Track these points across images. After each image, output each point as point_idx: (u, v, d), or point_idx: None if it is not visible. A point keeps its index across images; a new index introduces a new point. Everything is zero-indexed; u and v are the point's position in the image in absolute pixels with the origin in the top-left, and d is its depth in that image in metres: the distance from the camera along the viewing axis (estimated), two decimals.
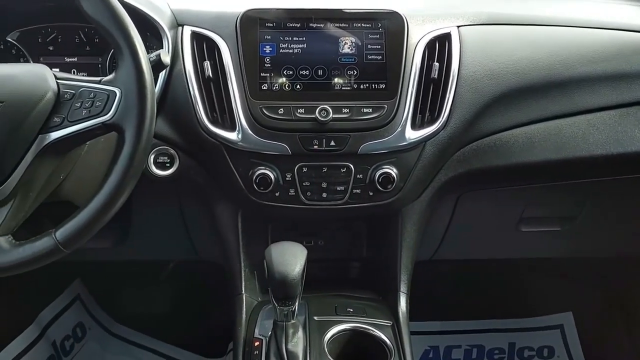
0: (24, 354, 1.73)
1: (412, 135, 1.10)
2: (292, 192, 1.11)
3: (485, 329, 1.99)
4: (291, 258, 0.95)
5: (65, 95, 0.88)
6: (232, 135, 1.08)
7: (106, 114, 0.85)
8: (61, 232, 0.84)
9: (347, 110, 1.09)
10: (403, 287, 1.22)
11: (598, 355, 1.85)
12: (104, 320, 2.03)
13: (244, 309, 1.17)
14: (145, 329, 2.00)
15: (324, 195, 1.12)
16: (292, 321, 1.01)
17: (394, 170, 1.10)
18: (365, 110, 1.09)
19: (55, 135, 0.86)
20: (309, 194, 1.12)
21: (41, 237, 0.85)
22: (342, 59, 1.11)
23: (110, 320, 2.03)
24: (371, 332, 1.11)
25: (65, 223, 0.85)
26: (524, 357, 1.93)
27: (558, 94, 1.18)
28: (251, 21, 1.10)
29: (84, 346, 1.93)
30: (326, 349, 1.05)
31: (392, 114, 1.09)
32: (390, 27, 1.12)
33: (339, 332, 1.10)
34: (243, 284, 1.21)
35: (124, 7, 0.87)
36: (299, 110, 1.08)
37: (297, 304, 0.98)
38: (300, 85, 1.10)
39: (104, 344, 1.96)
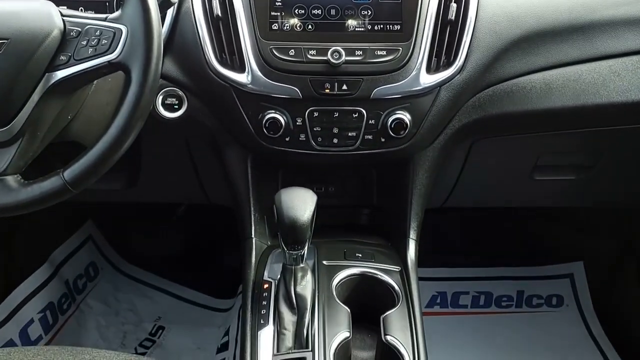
0: (38, 292, 1.77)
1: (426, 79, 1.07)
2: (302, 137, 1.10)
3: (494, 277, 2.00)
4: (301, 203, 0.94)
5: (72, 33, 0.86)
6: (242, 77, 1.06)
7: (112, 52, 0.84)
8: (69, 172, 0.85)
9: (361, 53, 1.05)
10: (412, 234, 1.21)
11: (607, 305, 1.86)
12: (116, 260, 2.06)
13: (254, 253, 1.18)
14: (157, 270, 2.03)
15: (335, 141, 1.10)
16: (301, 265, 1.01)
17: (407, 115, 1.08)
18: (379, 52, 1.06)
19: (61, 74, 0.86)
20: (319, 139, 1.10)
21: (49, 177, 0.86)
22: None
23: (122, 260, 2.07)
24: (379, 277, 1.11)
25: (73, 163, 0.85)
26: (532, 305, 1.94)
27: (579, 39, 1.14)
28: None
29: (96, 285, 1.97)
30: (334, 293, 1.06)
31: (407, 57, 1.06)
32: None
33: (347, 276, 1.11)
34: (253, 228, 1.21)
35: None
36: (310, 52, 1.05)
37: (306, 248, 0.98)
38: (312, 26, 1.07)
39: (116, 283, 2.00)
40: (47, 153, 0.94)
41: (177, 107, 1.11)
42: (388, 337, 0.99)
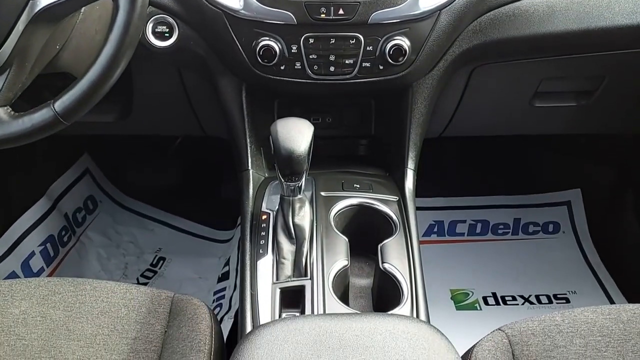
0: (37, 225, 1.78)
1: (426, 3, 1.03)
2: (298, 65, 1.07)
3: (491, 205, 2.01)
4: (297, 134, 0.93)
5: None
6: (233, 2, 1.02)
7: None
8: (60, 104, 0.83)
9: None
10: (410, 164, 1.21)
11: (604, 232, 1.88)
12: (114, 193, 2.06)
13: (251, 185, 1.17)
14: (156, 203, 2.04)
15: (332, 69, 1.08)
16: (299, 196, 1.01)
17: (406, 41, 1.05)
18: None
19: (45, 1, 0.82)
20: (315, 67, 1.07)
21: (40, 109, 0.84)
22: None
23: (120, 193, 2.07)
24: (377, 207, 1.11)
25: (63, 94, 0.84)
26: (528, 232, 1.96)
27: None
28: None
29: (95, 218, 1.98)
30: (332, 223, 1.07)
31: None
32: None
33: (345, 207, 1.11)
34: (249, 160, 1.20)
35: None
36: None
37: (303, 179, 0.98)
38: None
39: (115, 216, 2.01)
40: (37, 85, 0.92)
41: (167, 35, 1.07)
42: (385, 265, 1.01)
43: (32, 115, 0.84)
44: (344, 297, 1.00)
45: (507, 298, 1.76)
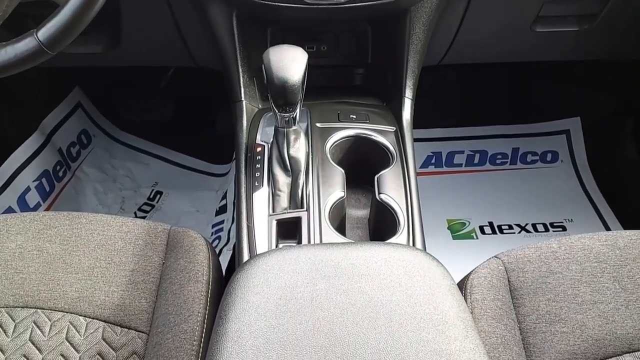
0: (32, 160, 1.77)
1: None
2: None
3: (489, 135, 2.00)
4: (291, 62, 0.89)
5: None
6: None
7: None
8: (43, 32, 0.80)
9: None
10: (408, 93, 1.18)
11: (602, 160, 1.88)
12: (108, 127, 2.04)
13: (244, 116, 1.15)
14: (150, 136, 2.02)
15: None
16: (294, 127, 0.99)
17: None
18: None
19: None
20: None
21: (23, 38, 0.81)
22: None
23: (114, 128, 2.05)
24: (374, 137, 1.10)
25: (46, 22, 0.81)
26: (526, 161, 1.96)
27: None
28: None
29: (90, 152, 1.97)
30: (328, 155, 1.05)
31: None
32: None
33: (341, 138, 1.09)
34: (242, 90, 1.17)
35: None
36: None
37: (298, 110, 0.95)
38: None
39: (110, 150, 1.99)
40: (20, 14, 0.89)
41: None
42: (382, 196, 1.00)
43: (15, 45, 0.81)
44: (340, 228, 0.99)
45: (503, 227, 1.78)
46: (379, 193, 1.00)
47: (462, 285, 0.92)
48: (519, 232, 1.76)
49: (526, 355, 0.85)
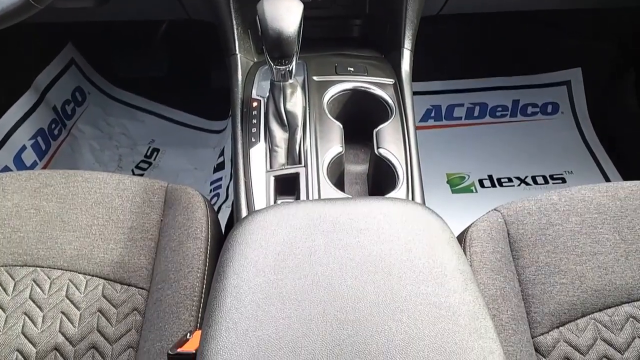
0: (26, 119, 1.75)
1: None
2: None
3: (489, 87, 1.97)
4: (286, 13, 0.87)
5: None
6: None
7: None
8: None
9: None
10: (407, 44, 1.15)
11: (602, 112, 1.86)
12: (103, 84, 2.01)
13: (239, 70, 1.12)
14: (145, 93, 1.99)
15: None
16: (290, 81, 0.97)
17: None
18: None
19: None
20: None
21: None
22: None
23: (109, 84, 2.02)
24: (372, 91, 1.08)
25: None
26: (527, 113, 1.94)
27: None
28: None
29: (85, 110, 1.95)
30: (326, 109, 1.04)
31: None
32: None
33: (339, 91, 1.07)
34: (236, 43, 1.14)
35: None
36: None
37: (294, 63, 0.93)
38: None
39: (106, 107, 1.97)
40: None
41: None
42: (381, 150, 0.99)
43: None
44: (339, 184, 0.99)
45: (502, 180, 1.77)
46: (378, 147, 0.99)
47: (461, 238, 0.91)
48: (519, 185, 1.75)
49: (525, 306, 0.85)
